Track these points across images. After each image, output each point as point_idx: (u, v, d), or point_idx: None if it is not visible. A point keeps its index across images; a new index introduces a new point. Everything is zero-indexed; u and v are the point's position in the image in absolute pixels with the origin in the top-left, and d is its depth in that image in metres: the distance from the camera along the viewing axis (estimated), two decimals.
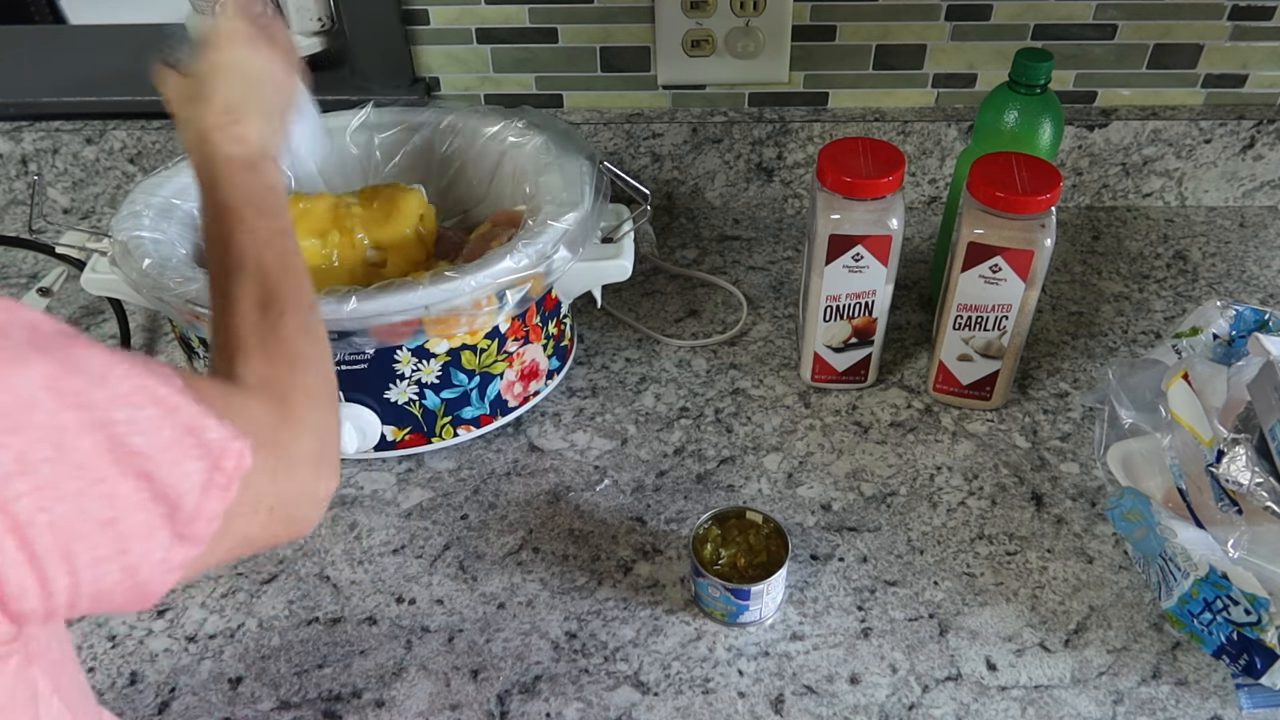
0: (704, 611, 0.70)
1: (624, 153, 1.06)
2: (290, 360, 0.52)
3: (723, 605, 0.68)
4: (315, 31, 1.04)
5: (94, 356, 0.38)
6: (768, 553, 0.69)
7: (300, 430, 0.49)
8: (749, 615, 0.68)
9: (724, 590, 0.66)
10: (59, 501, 0.35)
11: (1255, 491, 0.63)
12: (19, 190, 1.09)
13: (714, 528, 0.71)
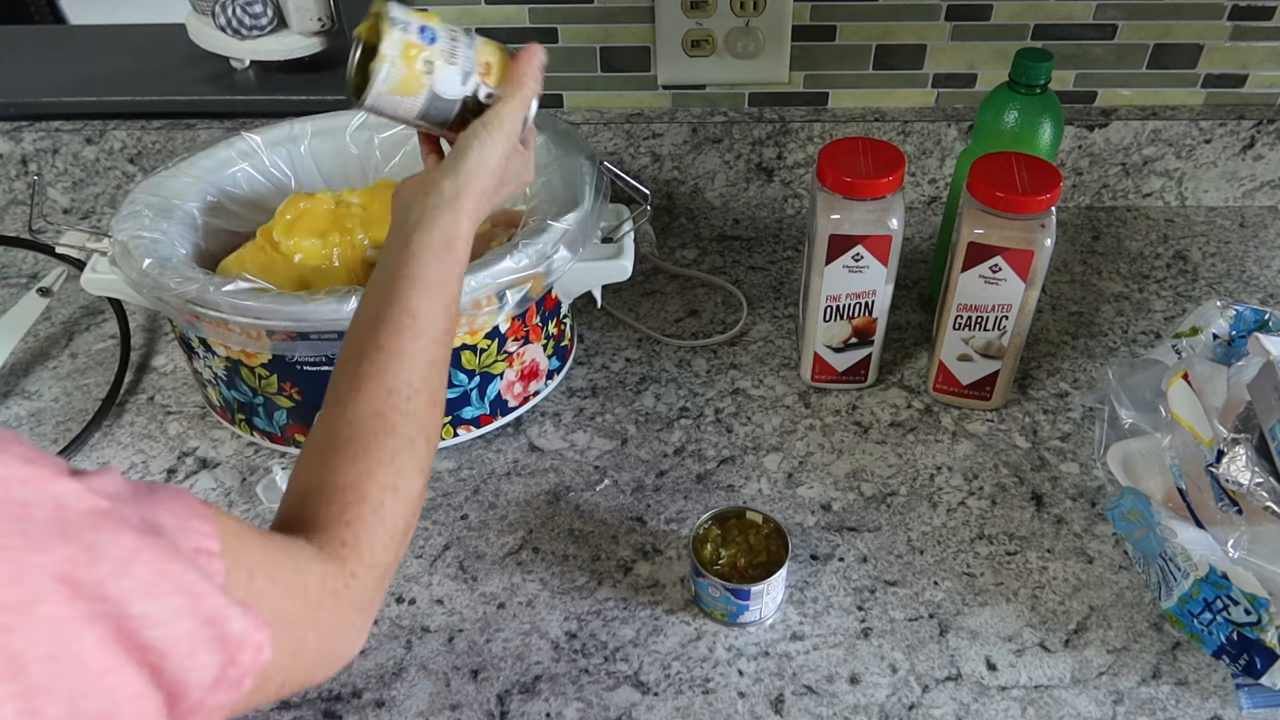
0: (704, 611, 0.70)
1: (624, 153, 1.06)
2: (396, 531, 0.50)
3: (723, 605, 0.68)
4: (315, 31, 1.05)
5: (121, 539, 0.35)
6: (768, 553, 0.69)
7: (350, 608, 0.47)
8: (749, 615, 0.68)
9: (724, 590, 0.66)
10: (51, 703, 0.32)
11: (1255, 491, 0.63)
12: (19, 190, 1.09)
13: (714, 528, 0.71)
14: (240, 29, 1.03)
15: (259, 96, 1.07)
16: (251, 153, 0.87)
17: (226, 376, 0.78)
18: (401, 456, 0.51)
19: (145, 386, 0.91)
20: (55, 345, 0.96)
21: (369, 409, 0.52)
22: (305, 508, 0.50)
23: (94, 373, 0.92)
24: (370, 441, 0.51)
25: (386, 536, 0.50)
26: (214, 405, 0.84)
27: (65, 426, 0.87)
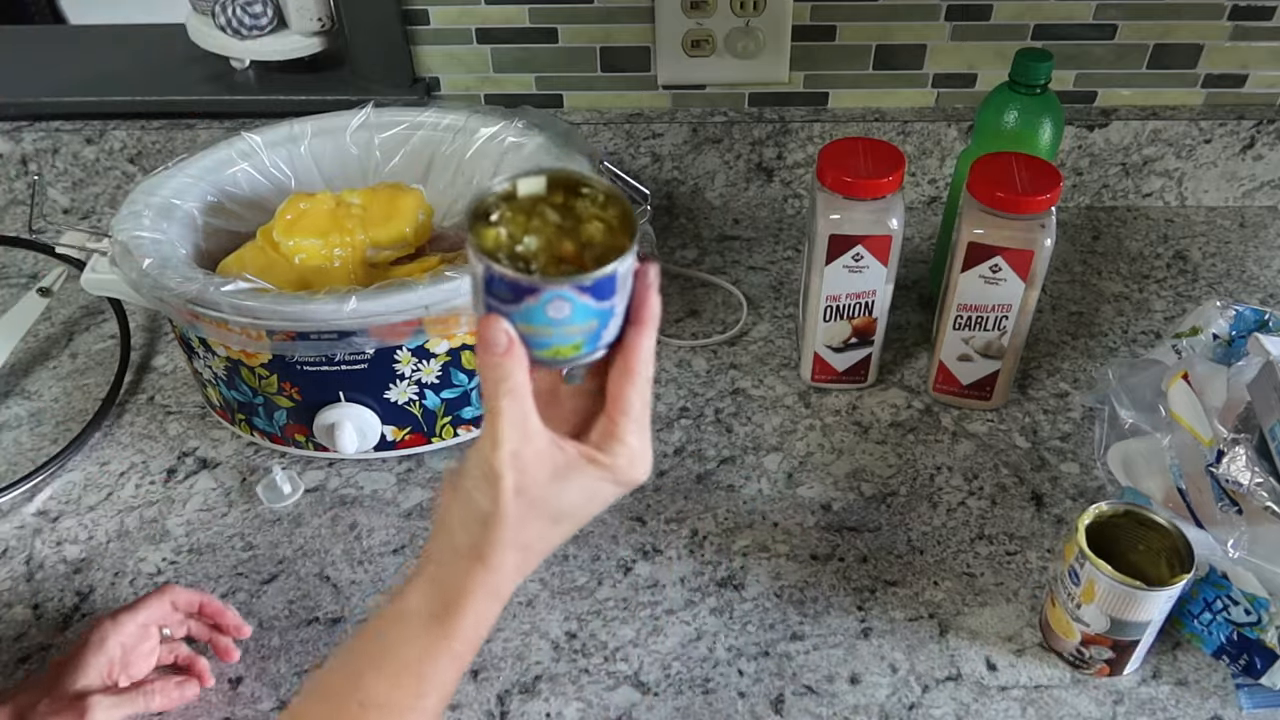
0: (538, 362, 0.44)
1: (624, 153, 1.06)
2: None
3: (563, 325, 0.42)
4: (315, 31, 1.05)
5: None
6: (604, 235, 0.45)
7: None
8: (609, 332, 0.44)
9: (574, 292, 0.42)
10: None
11: (1255, 491, 0.63)
12: (19, 190, 1.09)
13: (508, 207, 0.44)
14: (240, 29, 1.03)
15: (259, 96, 1.07)
16: (251, 153, 0.87)
17: (226, 376, 0.78)
18: None
19: (145, 386, 0.91)
20: (55, 345, 0.96)
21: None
22: None
23: (94, 373, 0.92)
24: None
25: None
26: (214, 405, 0.84)
27: (65, 426, 0.87)
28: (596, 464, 0.44)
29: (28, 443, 0.85)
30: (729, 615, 0.70)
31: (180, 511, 0.79)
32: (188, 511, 0.79)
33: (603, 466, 0.44)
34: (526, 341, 0.42)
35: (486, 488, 0.43)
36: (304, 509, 0.79)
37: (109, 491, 0.81)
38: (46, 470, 0.81)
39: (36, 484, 0.81)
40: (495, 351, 0.42)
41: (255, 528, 0.77)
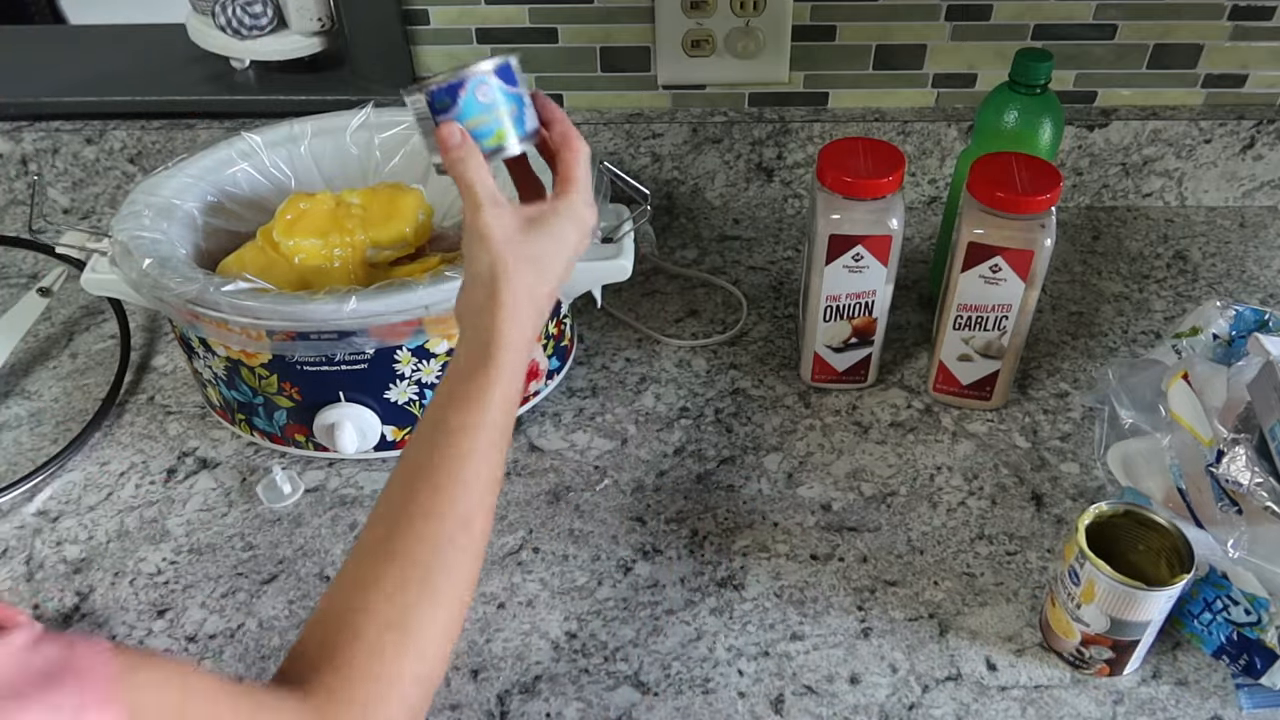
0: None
1: (624, 153, 1.06)
2: (400, 672, 0.42)
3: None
4: (315, 31, 1.05)
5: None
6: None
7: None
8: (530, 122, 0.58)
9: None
10: None
11: (1255, 491, 0.63)
12: (19, 190, 1.09)
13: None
14: (240, 29, 1.03)
15: (259, 96, 1.07)
16: (251, 153, 0.87)
17: (226, 376, 0.78)
18: (410, 591, 0.44)
19: (145, 386, 0.91)
20: (55, 345, 0.96)
21: (383, 524, 0.46)
22: (303, 645, 0.44)
23: (94, 373, 0.92)
24: (374, 566, 0.45)
25: (386, 688, 0.42)
26: (214, 405, 0.84)
27: (65, 426, 0.87)
28: (556, 211, 0.56)
29: (28, 443, 0.85)
30: (729, 615, 0.70)
31: (180, 511, 0.79)
32: (188, 511, 0.79)
33: (560, 212, 0.56)
34: (473, 135, 0.56)
35: (481, 247, 0.54)
36: (304, 509, 0.79)
37: (109, 491, 0.81)
38: (46, 470, 0.81)
39: (36, 484, 0.81)
40: (453, 145, 0.54)
41: (255, 528, 0.77)
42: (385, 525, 0.47)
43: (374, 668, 0.42)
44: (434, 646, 0.45)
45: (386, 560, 0.45)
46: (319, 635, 0.44)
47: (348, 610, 0.44)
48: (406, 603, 0.44)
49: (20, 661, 0.34)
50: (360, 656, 0.42)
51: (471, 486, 0.48)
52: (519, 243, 0.54)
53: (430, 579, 0.45)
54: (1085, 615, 0.63)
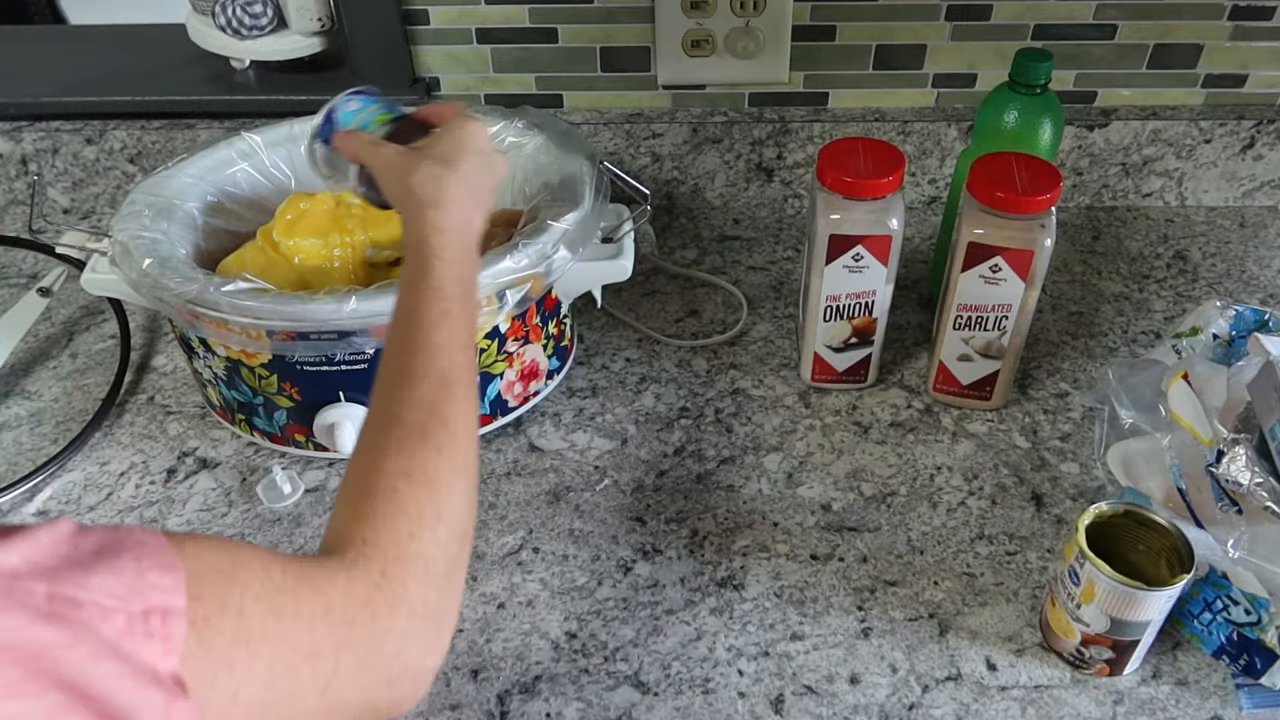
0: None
1: (624, 153, 1.06)
2: (421, 515, 0.46)
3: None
4: (315, 31, 1.05)
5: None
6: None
7: (393, 614, 0.43)
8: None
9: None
10: None
11: (1255, 491, 0.63)
12: (19, 190, 1.09)
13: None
14: (240, 29, 1.03)
15: (259, 96, 1.07)
16: (251, 153, 0.87)
17: (226, 376, 0.78)
18: (410, 443, 0.49)
19: (145, 386, 0.91)
20: (55, 345, 0.96)
21: (376, 407, 0.51)
22: (332, 523, 0.48)
23: (94, 373, 0.92)
24: (376, 437, 0.50)
25: (412, 525, 0.46)
26: (214, 405, 0.84)
27: (65, 426, 0.87)
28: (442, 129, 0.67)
29: (28, 443, 0.85)
30: (729, 615, 0.70)
31: (180, 511, 0.79)
32: (188, 511, 0.79)
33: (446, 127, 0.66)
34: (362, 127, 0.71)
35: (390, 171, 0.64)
36: (304, 509, 0.79)
37: (109, 491, 0.81)
38: (46, 470, 0.81)
39: (36, 484, 0.81)
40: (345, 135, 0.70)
41: (255, 528, 0.77)
42: (378, 403, 0.52)
43: (394, 509, 0.46)
44: (448, 494, 0.49)
45: (386, 427, 0.50)
46: (344, 508, 0.47)
47: (363, 475, 0.48)
48: (413, 451, 0.48)
49: (72, 543, 0.35)
50: (380, 504, 0.46)
51: (444, 349, 0.53)
52: (416, 151, 0.64)
53: (429, 433, 0.49)
54: (1085, 615, 0.63)
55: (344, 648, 0.41)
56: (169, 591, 0.35)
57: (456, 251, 0.58)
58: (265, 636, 0.38)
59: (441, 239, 0.58)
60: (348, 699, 0.42)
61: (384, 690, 0.44)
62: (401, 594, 0.44)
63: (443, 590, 0.47)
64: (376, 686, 0.43)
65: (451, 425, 0.50)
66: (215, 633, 0.36)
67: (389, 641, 0.43)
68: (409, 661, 0.44)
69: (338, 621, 0.41)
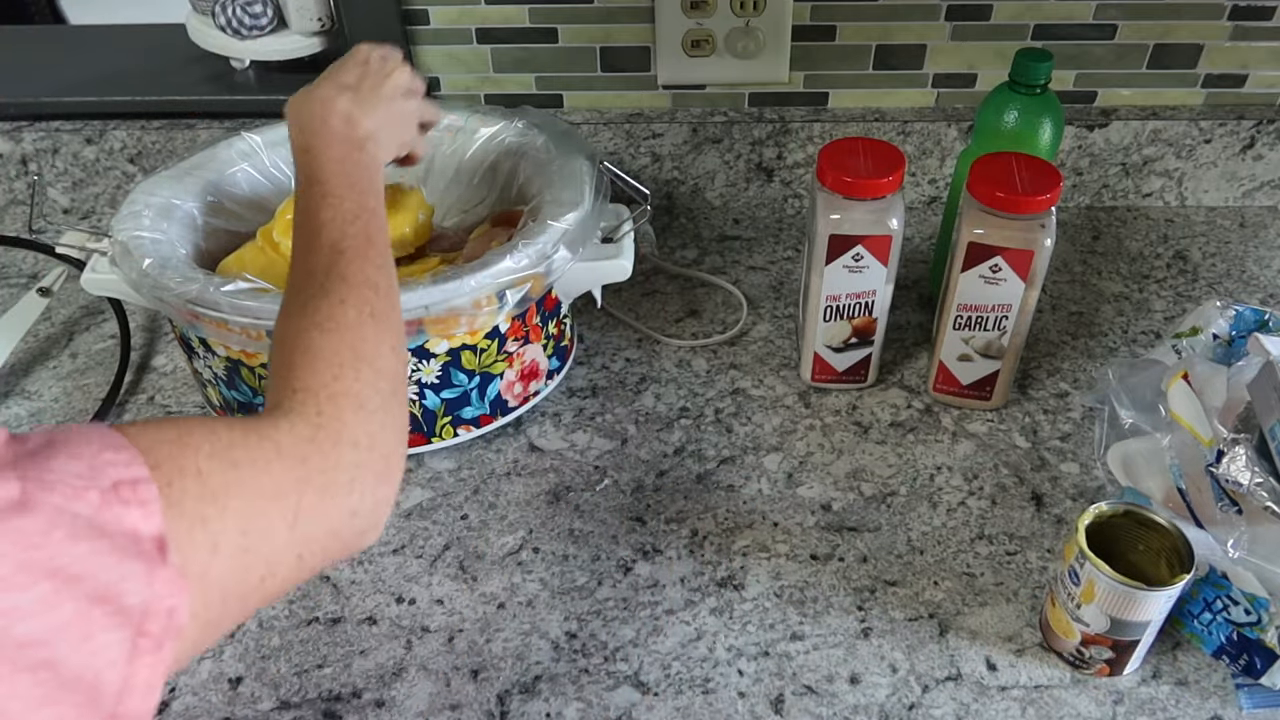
0: None
1: (624, 153, 1.06)
2: (340, 357, 0.49)
3: None
4: (315, 31, 1.05)
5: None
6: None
7: (337, 448, 0.46)
8: None
9: None
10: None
11: (1255, 491, 0.63)
12: (19, 190, 1.09)
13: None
14: (240, 29, 1.03)
15: (259, 96, 1.07)
16: (251, 153, 0.87)
17: (226, 376, 0.78)
18: (314, 302, 0.52)
19: (145, 386, 0.91)
20: (55, 345, 0.96)
21: (286, 291, 0.55)
22: (267, 393, 0.51)
23: (94, 373, 0.92)
24: (286, 305, 0.54)
25: (333, 368, 0.49)
26: (214, 405, 0.84)
27: None
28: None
29: None
30: (729, 615, 0.70)
31: None
32: None
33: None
34: None
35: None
36: None
37: None
38: None
39: None
40: None
41: None
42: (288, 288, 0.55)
43: (312, 358, 0.49)
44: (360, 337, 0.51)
45: (292, 296, 0.54)
46: (272, 377, 0.50)
47: (281, 341, 0.52)
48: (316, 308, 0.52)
49: (16, 443, 0.35)
50: (299, 356, 0.50)
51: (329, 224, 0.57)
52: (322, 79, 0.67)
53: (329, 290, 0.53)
54: (1085, 615, 0.63)
55: (303, 484, 0.44)
56: (128, 465, 0.37)
57: (318, 142, 0.61)
58: (228, 488, 0.40)
59: (308, 138, 0.62)
60: (315, 531, 0.44)
61: (348, 520, 0.46)
62: (341, 428, 0.47)
63: (383, 423, 0.49)
64: (340, 517, 0.46)
65: (350, 279, 0.53)
66: (180, 494, 0.38)
67: (341, 473, 0.46)
68: (365, 491, 0.47)
69: (291, 461, 0.44)
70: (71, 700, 0.32)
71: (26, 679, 0.31)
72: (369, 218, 0.58)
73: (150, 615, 0.35)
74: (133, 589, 0.34)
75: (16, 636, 0.31)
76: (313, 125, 0.62)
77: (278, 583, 0.43)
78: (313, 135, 0.62)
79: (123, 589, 0.34)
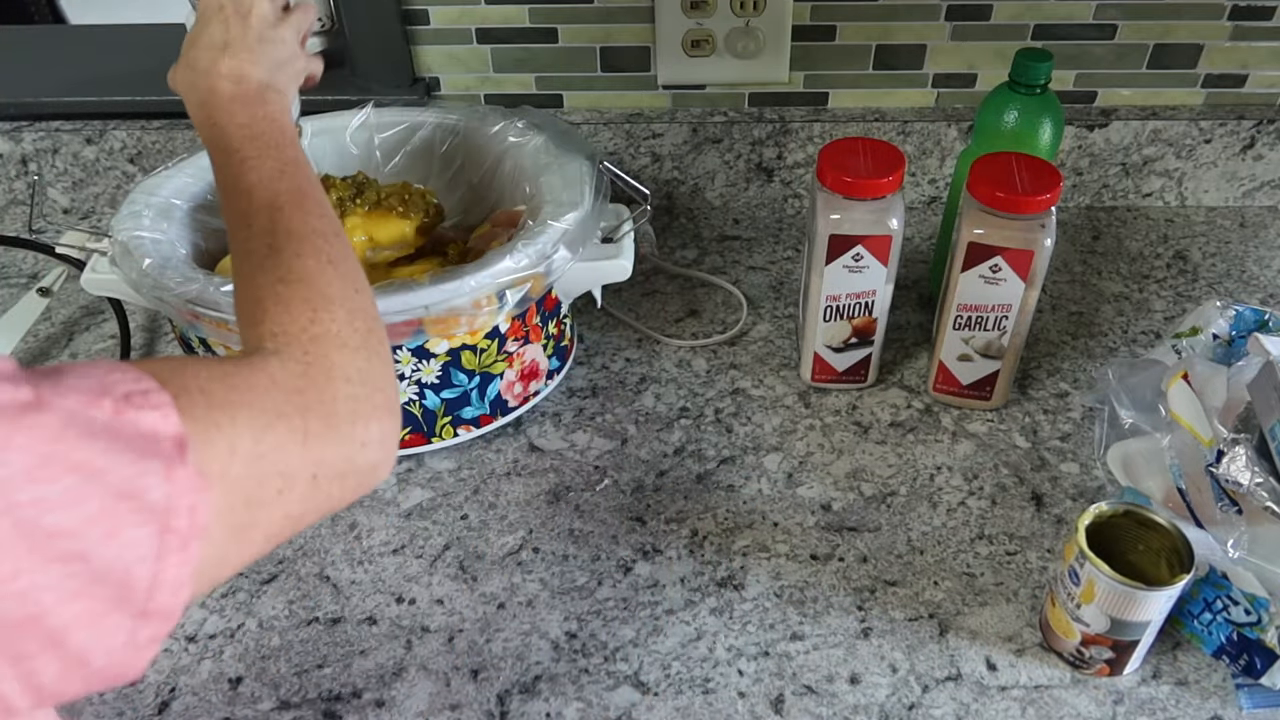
0: None
1: (624, 153, 1.06)
2: (312, 303, 0.49)
3: None
4: (315, 31, 1.04)
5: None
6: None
7: (331, 383, 0.46)
8: None
9: None
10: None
11: (1255, 491, 0.63)
12: (19, 190, 1.09)
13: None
14: None
15: None
16: None
17: None
18: (270, 260, 0.52)
19: None
20: (55, 345, 0.96)
21: (233, 252, 0.55)
22: (241, 340, 0.51)
23: None
24: (241, 268, 0.53)
25: (307, 313, 0.49)
26: None
27: None
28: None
29: None
30: (729, 615, 0.70)
31: None
32: None
33: None
34: None
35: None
36: None
37: None
38: None
39: None
40: None
41: None
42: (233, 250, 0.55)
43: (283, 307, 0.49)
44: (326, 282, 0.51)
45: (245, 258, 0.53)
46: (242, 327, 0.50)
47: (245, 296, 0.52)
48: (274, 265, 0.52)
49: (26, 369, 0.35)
50: (270, 305, 0.50)
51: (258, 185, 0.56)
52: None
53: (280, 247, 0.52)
54: (1085, 615, 0.63)
55: (305, 411, 0.44)
56: (136, 380, 0.37)
57: (218, 114, 0.60)
58: (233, 403, 0.41)
59: (207, 113, 0.60)
60: (328, 455, 0.45)
61: (359, 450, 0.46)
62: (330, 366, 0.47)
63: (368, 358, 0.49)
64: (350, 445, 0.46)
65: (297, 232, 0.53)
66: (190, 405, 0.38)
67: (340, 404, 0.46)
68: (369, 423, 0.47)
69: (287, 391, 0.44)
70: (103, 594, 0.33)
71: (59, 570, 0.32)
72: (294, 169, 0.58)
73: (173, 511, 0.35)
74: (154, 484, 0.35)
75: (46, 527, 0.31)
76: (204, 98, 0.61)
77: (296, 500, 0.43)
78: (211, 109, 0.60)
79: (144, 484, 0.35)
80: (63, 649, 0.33)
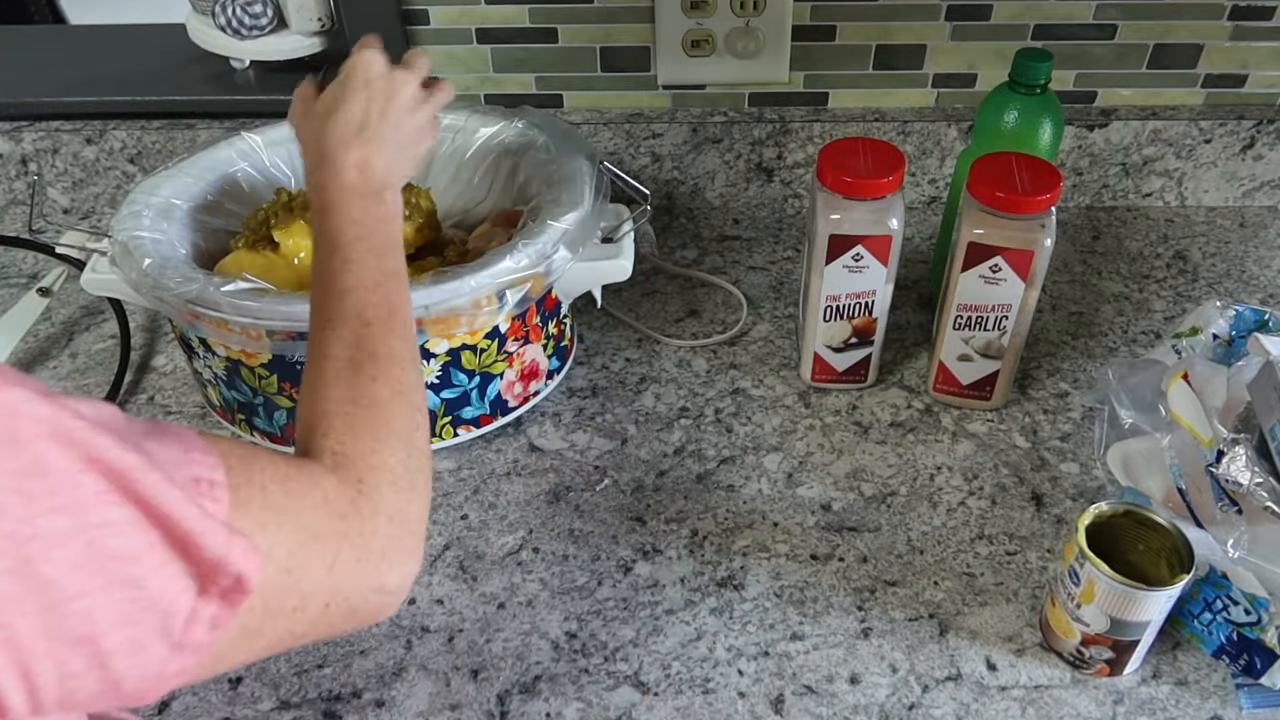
0: None
1: (624, 153, 1.06)
2: (376, 434, 0.50)
3: None
4: (315, 31, 1.05)
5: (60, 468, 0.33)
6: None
7: (375, 516, 0.47)
8: None
9: None
10: (21, 616, 0.31)
11: (1255, 491, 0.63)
12: (19, 190, 1.09)
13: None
14: (240, 29, 1.03)
15: (259, 96, 1.07)
16: (251, 153, 0.87)
17: (226, 376, 0.78)
18: (347, 375, 0.53)
19: (145, 386, 0.91)
20: (55, 345, 0.96)
21: (311, 349, 0.55)
22: (298, 439, 0.52)
23: (94, 373, 0.92)
24: (317, 373, 0.53)
25: (371, 442, 0.50)
26: (214, 405, 0.84)
27: None
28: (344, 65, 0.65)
29: None
30: (729, 615, 0.70)
31: None
32: None
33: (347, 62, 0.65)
34: None
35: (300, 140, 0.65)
36: None
37: None
38: None
39: None
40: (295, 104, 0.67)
41: None
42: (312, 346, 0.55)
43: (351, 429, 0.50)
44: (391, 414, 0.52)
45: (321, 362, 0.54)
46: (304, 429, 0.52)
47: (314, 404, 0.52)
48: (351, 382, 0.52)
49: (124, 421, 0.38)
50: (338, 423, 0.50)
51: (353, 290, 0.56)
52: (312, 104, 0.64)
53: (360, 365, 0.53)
54: (1085, 615, 0.63)
55: (342, 539, 0.45)
56: (211, 468, 0.39)
57: (336, 201, 0.59)
58: (284, 510, 0.42)
59: (325, 195, 0.59)
60: (348, 586, 0.45)
61: (375, 592, 0.47)
62: (379, 500, 0.48)
63: (411, 500, 0.50)
64: (370, 582, 0.47)
65: (378, 355, 0.54)
66: (247, 500, 0.40)
67: (376, 542, 0.47)
68: (395, 565, 0.48)
69: (333, 514, 0.45)
70: (150, 622, 0.35)
71: (119, 595, 0.34)
72: (391, 283, 0.57)
73: (222, 570, 0.37)
74: (212, 545, 0.37)
75: (111, 548, 0.33)
76: (327, 180, 0.60)
77: (303, 621, 0.43)
78: (327, 190, 0.59)
79: (205, 540, 0.36)
80: (105, 670, 0.34)
